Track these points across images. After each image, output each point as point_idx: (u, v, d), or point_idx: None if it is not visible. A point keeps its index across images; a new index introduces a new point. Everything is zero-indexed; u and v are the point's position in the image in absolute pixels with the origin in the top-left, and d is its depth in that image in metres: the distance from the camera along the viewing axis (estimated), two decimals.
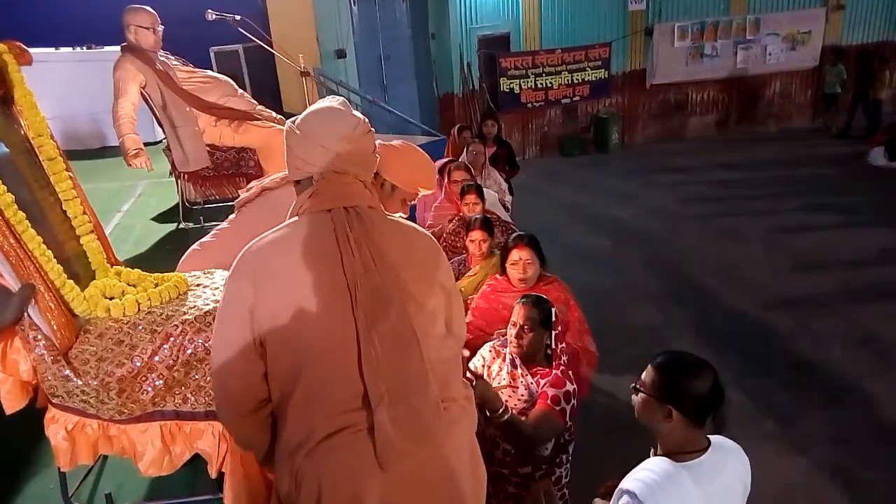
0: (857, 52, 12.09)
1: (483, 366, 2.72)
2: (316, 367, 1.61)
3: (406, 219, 1.95)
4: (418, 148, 2.41)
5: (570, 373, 2.59)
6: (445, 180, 4.71)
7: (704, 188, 9.48)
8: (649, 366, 1.86)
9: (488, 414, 2.32)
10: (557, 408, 2.43)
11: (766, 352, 5.05)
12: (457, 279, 3.25)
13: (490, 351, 2.76)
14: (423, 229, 1.89)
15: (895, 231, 7.31)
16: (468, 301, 3.29)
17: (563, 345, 2.70)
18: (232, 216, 2.96)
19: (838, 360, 4.90)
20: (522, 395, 2.54)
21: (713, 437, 1.85)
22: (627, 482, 1.77)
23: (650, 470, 1.77)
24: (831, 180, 9.49)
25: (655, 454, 1.85)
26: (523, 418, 2.42)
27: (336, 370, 1.61)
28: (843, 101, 12.02)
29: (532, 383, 2.53)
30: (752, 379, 4.66)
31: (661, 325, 5.54)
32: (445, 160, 5.28)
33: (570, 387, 2.50)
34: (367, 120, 1.81)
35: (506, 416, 2.33)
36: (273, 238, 1.69)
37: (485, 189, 4.44)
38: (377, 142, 1.92)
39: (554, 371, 2.53)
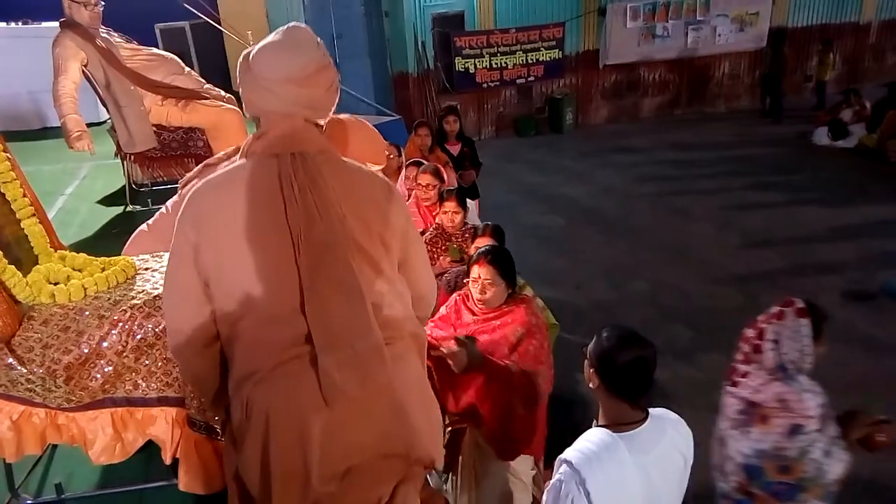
0: (775, 31, 12.32)
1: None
2: (259, 311, 1.65)
3: None
4: (366, 122, 2.41)
5: (530, 308, 2.70)
6: (413, 185, 4.36)
7: (656, 168, 9.63)
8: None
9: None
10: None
11: (716, 326, 5.18)
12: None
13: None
14: (373, 170, 1.89)
15: (838, 208, 7.55)
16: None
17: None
18: (176, 196, 2.91)
19: None
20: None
21: (654, 410, 1.93)
22: (567, 452, 1.87)
23: (589, 440, 1.87)
24: (778, 159, 9.74)
25: (597, 425, 1.94)
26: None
27: (279, 315, 1.65)
28: (789, 81, 12.31)
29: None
30: (702, 353, 4.79)
31: (615, 302, 5.64)
32: (409, 161, 4.86)
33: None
34: (325, 53, 1.75)
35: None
36: (217, 181, 1.70)
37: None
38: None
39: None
